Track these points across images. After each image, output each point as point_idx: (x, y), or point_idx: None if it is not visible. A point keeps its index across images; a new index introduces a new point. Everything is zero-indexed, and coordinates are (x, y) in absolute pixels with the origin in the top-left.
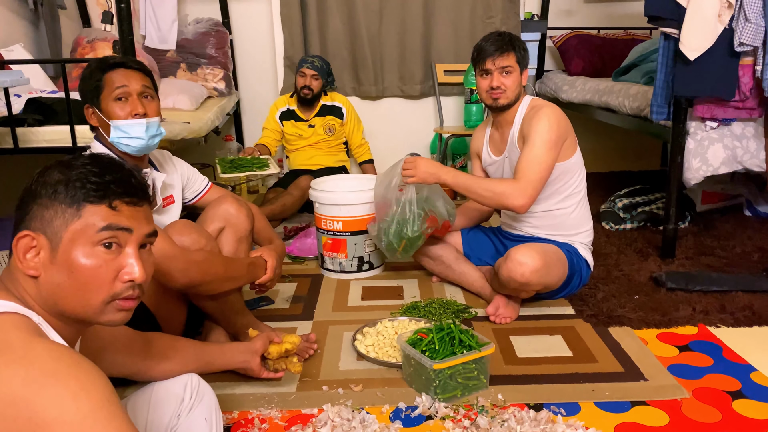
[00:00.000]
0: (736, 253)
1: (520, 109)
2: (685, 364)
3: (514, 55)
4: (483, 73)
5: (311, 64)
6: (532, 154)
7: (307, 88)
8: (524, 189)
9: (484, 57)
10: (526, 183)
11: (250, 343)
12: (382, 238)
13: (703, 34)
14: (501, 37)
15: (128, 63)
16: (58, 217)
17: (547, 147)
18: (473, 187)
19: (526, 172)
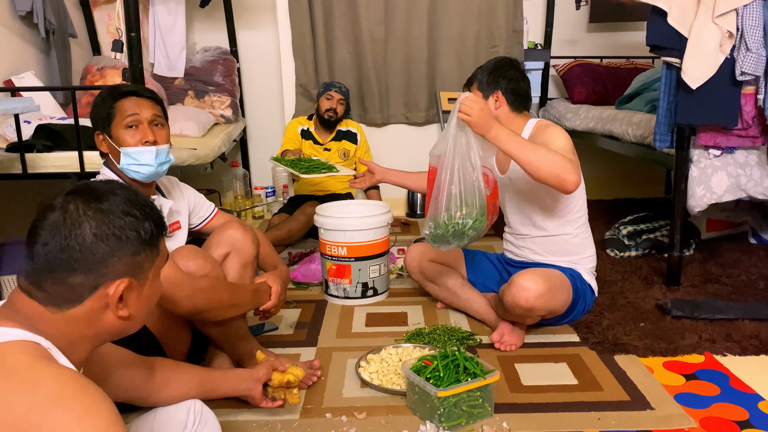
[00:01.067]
0: (742, 280)
1: (525, 129)
2: (692, 393)
3: (476, 84)
4: None
5: (339, 89)
6: (562, 147)
7: (332, 111)
8: (576, 167)
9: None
10: (574, 163)
11: (254, 371)
12: (441, 214)
13: (705, 64)
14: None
15: (140, 92)
16: (148, 259)
17: (570, 147)
18: (530, 149)
19: (569, 156)
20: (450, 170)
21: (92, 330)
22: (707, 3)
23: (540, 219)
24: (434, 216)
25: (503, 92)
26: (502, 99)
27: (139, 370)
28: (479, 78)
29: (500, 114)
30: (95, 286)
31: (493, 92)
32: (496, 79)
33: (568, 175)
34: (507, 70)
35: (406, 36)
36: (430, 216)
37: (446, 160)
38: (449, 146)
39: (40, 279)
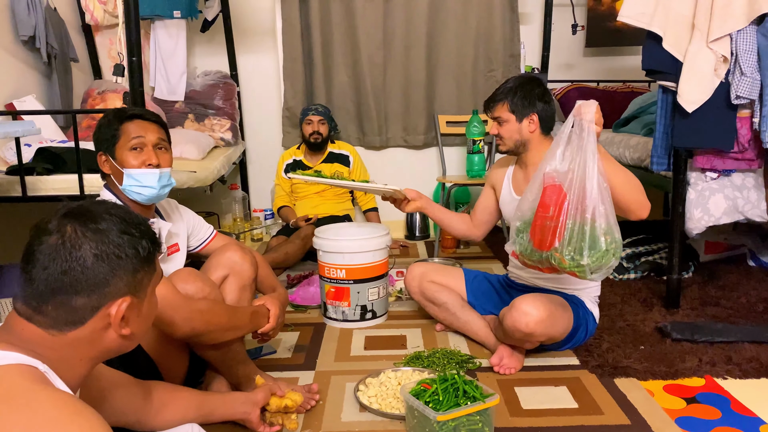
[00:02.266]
0: (741, 303)
1: None
2: (693, 417)
3: (507, 105)
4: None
5: (316, 111)
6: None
7: (316, 134)
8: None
9: (485, 108)
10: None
11: (252, 394)
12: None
13: (701, 88)
14: (501, 87)
15: (146, 115)
16: (146, 276)
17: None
18: (623, 171)
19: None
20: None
21: (93, 350)
22: (702, 28)
23: None
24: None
25: (539, 115)
26: (536, 122)
27: (136, 393)
28: (513, 99)
29: (533, 137)
30: (97, 307)
31: (529, 114)
32: (533, 101)
33: (647, 202)
34: (542, 92)
35: (404, 60)
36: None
37: (579, 181)
38: (581, 163)
39: (40, 303)
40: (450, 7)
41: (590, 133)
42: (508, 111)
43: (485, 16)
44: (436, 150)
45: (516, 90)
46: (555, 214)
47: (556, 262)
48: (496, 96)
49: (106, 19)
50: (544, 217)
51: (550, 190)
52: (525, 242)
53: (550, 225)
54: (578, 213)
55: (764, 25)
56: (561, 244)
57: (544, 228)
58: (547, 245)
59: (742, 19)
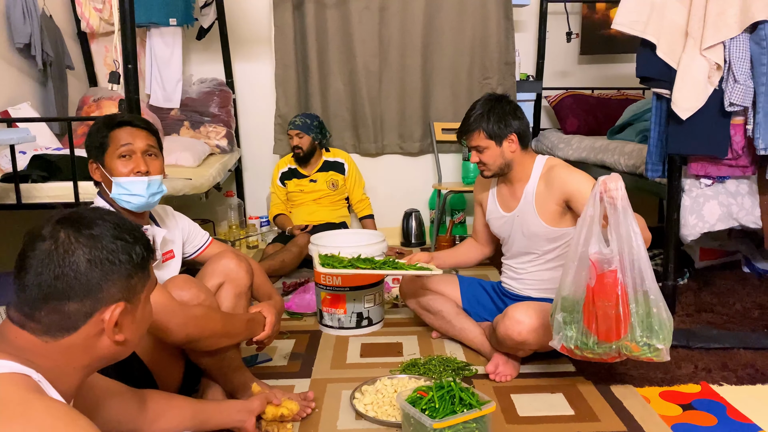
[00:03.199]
0: (737, 309)
1: (535, 167)
2: (690, 423)
3: (482, 133)
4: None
5: (293, 124)
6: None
7: (297, 148)
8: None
9: (458, 138)
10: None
11: (248, 402)
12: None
13: (694, 95)
14: (471, 115)
15: (135, 122)
16: (140, 282)
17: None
18: (644, 226)
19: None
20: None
21: (87, 358)
22: (695, 36)
23: (542, 254)
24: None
25: (517, 134)
26: (516, 141)
27: (131, 402)
28: (487, 126)
29: (515, 156)
30: (91, 313)
31: (508, 136)
32: (508, 121)
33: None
34: (513, 109)
35: (400, 68)
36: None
37: (629, 263)
38: (626, 245)
39: (33, 309)
40: (445, 15)
41: (627, 210)
42: (485, 138)
43: (480, 24)
44: (432, 157)
45: (488, 115)
46: (616, 302)
47: (628, 351)
48: (469, 126)
49: (101, 27)
50: (605, 306)
51: (606, 277)
52: (581, 335)
53: (612, 314)
54: (638, 295)
55: (757, 33)
56: (631, 332)
57: (607, 317)
58: (614, 335)
59: (735, 27)
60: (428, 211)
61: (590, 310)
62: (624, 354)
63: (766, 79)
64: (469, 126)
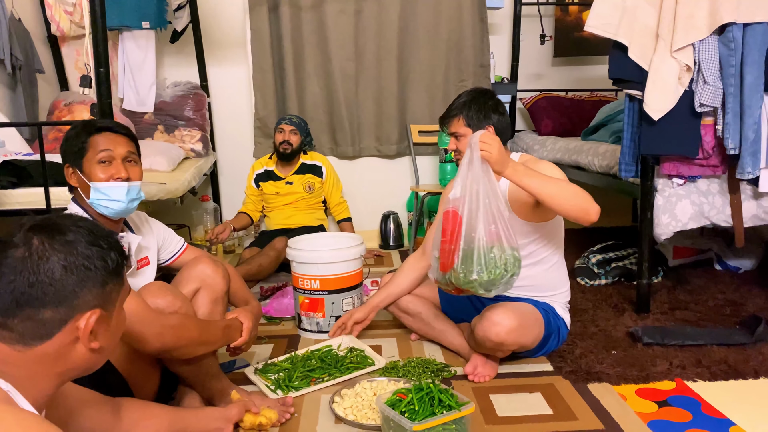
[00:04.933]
0: (709, 306)
1: None
2: (665, 420)
3: (462, 119)
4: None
5: (289, 121)
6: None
7: (286, 143)
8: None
9: (440, 124)
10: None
11: (226, 410)
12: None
13: (665, 96)
14: (455, 102)
15: (115, 128)
16: (115, 289)
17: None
18: (554, 182)
19: (577, 190)
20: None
21: (60, 366)
22: (665, 38)
23: (529, 241)
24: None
25: (495, 126)
26: (492, 134)
27: (105, 411)
28: (467, 113)
29: None
30: (65, 320)
31: (485, 126)
32: (487, 113)
33: (591, 205)
34: (495, 104)
35: (376, 72)
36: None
37: (471, 205)
38: (473, 188)
39: (6, 317)
40: (420, 19)
41: (475, 159)
42: (464, 125)
43: (455, 27)
44: (409, 159)
45: (470, 104)
46: (450, 238)
47: (455, 280)
48: (450, 111)
49: (72, 30)
50: (443, 241)
51: (446, 216)
52: (436, 268)
53: (448, 248)
54: (469, 234)
55: (725, 35)
56: (457, 265)
57: (445, 251)
58: (447, 267)
59: (704, 30)
60: (406, 213)
61: (440, 245)
62: (455, 285)
63: (734, 80)
64: (451, 111)
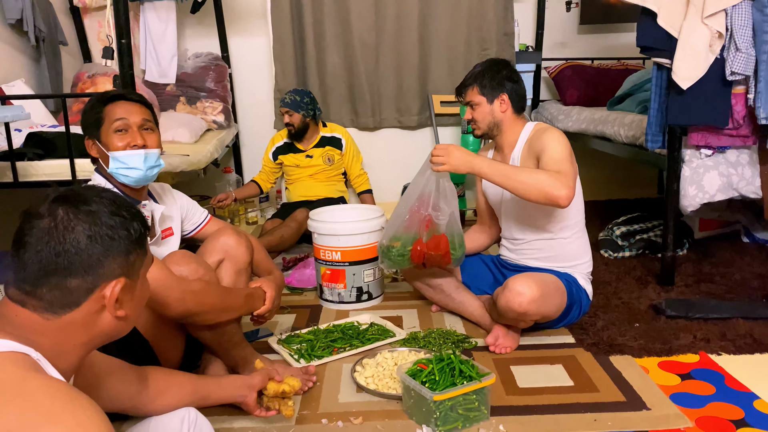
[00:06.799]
0: (736, 279)
1: (523, 133)
2: (688, 393)
3: (476, 88)
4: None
5: (283, 102)
6: (557, 155)
7: (288, 125)
8: (565, 180)
9: (456, 96)
10: (564, 175)
11: (249, 378)
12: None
13: (695, 64)
14: (470, 72)
15: (128, 96)
16: (139, 258)
17: (566, 155)
18: (514, 175)
19: (560, 167)
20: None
21: (88, 334)
22: (696, 4)
23: (537, 224)
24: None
25: (509, 95)
26: (507, 102)
27: (132, 379)
28: (481, 82)
29: (504, 117)
30: (92, 289)
31: (499, 95)
32: (501, 81)
33: (557, 191)
34: (509, 72)
35: (397, 41)
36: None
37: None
38: (419, 188)
39: (34, 287)
40: None
41: (428, 166)
42: (478, 94)
43: None
44: (430, 130)
45: (484, 73)
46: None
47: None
48: (465, 81)
49: (94, 1)
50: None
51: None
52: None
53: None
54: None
55: (759, 0)
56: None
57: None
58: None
59: None
60: None
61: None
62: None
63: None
64: (466, 81)
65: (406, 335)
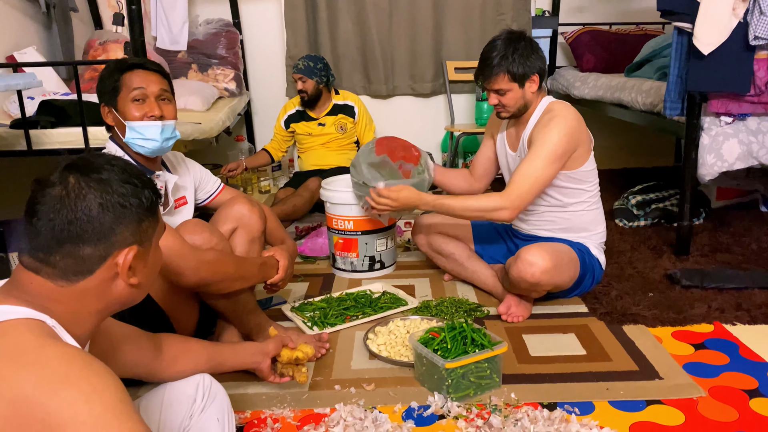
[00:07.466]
0: (752, 249)
1: (536, 112)
2: (701, 363)
3: (505, 76)
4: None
5: (296, 68)
6: (530, 168)
7: (301, 92)
8: (513, 201)
9: (476, 79)
10: (516, 196)
11: (263, 345)
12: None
13: (717, 29)
14: (492, 56)
15: (147, 65)
16: (151, 226)
17: (549, 161)
18: (458, 210)
19: (519, 184)
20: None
21: (102, 302)
22: None
23: (551, 194)
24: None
25: (539, 74)
26: (537, 81)
27: (147, 346)
28: (510, 67)
29: (531, 96)
30: (105, 256)
31: (531, 77)
32: (532, 62)
33: (500, 215)
34: (535, 48)
35: (411, 6)
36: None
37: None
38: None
39: (48, 254)
40: None
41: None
42: (509, 81)
43: None
44: (444, 98)
45: (512, 56)
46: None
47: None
48: (492, 69)
49: None
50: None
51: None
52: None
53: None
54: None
55: None
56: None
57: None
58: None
59: None
60: (440, 154)
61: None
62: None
63: None
64: (492, 69)
65: (418, 304)
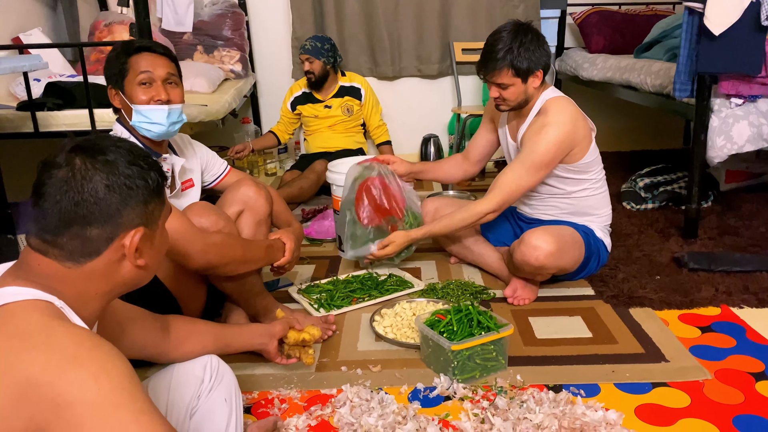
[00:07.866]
0: (760, 232)
1: (535, 107)
2: (708, 345)
3: (509, 71)
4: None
5: (303, 48)
6: (514, 175)
7: (308, 73)
8: (497, 204)
9: (479, 72)
10: (500, 199)
11: (270, 326)
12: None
13: (729, 9)
14: (495, 49)
15: (155, 48)
16: (157, 208)
17: (534, 170)
18: (453, 226)
19: (502, 189)
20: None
21: (109, 283)
22: None
23: (553, 184)
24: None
25: (543, 68)
26: (541, 76)
27: (154, 327)
28: (514, 62)
29: (533, 91)
30: (111, 238)
31: (535, 72)
32: (537, 57)
33: (484, 219)
34: (541, 42)
35: None
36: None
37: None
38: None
39: (55, 236)
40: None
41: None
42: (512, 76)
43: None
44: (451, 79)
45: (517, 50)
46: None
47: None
48: (496, 62)
49: None
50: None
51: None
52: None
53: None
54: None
55: None
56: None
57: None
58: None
59: None
60: (447, 136)
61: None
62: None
63: None
64: (496, 63)
65: (424, 286)
